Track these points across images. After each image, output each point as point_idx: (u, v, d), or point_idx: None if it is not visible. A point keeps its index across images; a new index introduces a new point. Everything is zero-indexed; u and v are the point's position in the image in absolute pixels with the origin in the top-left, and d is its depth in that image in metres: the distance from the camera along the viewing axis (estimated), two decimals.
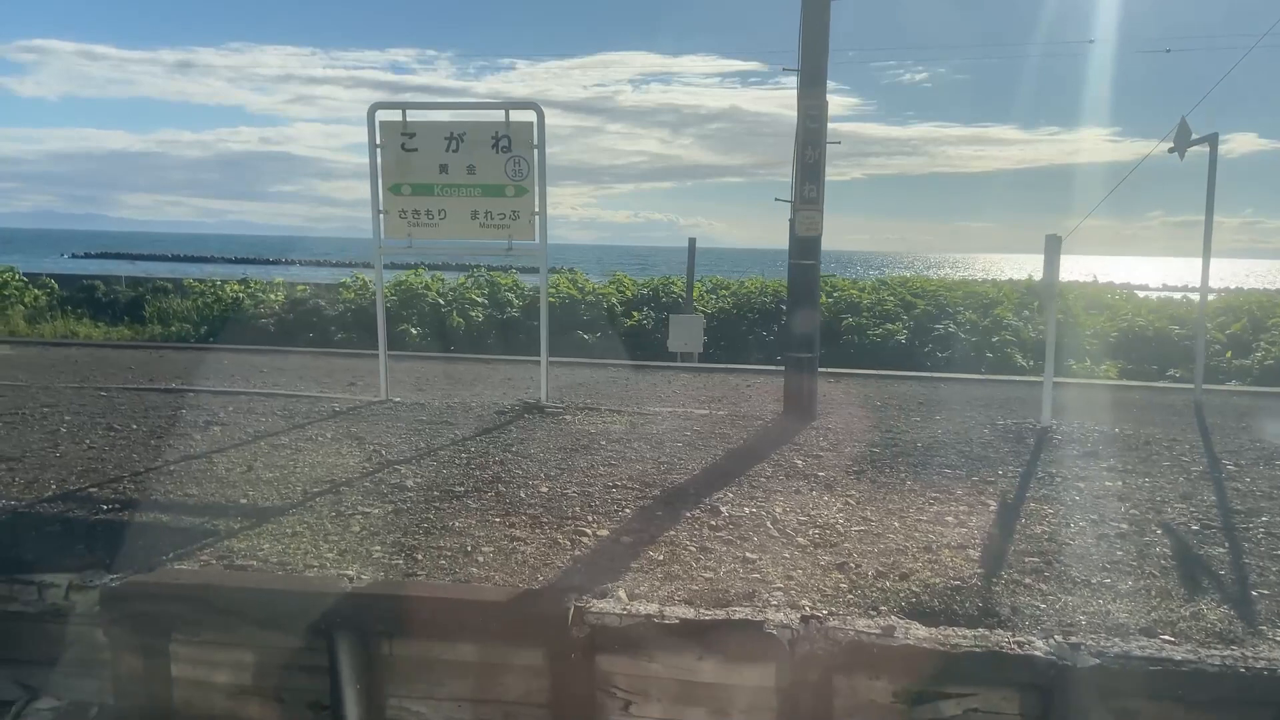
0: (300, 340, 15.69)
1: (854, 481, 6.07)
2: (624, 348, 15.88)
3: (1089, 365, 14.53)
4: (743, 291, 19.23)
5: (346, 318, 17.75)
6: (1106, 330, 15.85)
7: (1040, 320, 16.65)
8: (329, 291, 19.78)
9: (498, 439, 7.02)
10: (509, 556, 4.77)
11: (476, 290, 18.20)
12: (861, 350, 15.67)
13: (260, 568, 4.60)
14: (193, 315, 20.13)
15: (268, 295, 19.46)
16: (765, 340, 17.38)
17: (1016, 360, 15.02)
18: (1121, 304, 18.92)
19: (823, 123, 7.43)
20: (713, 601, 4.27)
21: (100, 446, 6.59)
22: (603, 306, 18.07)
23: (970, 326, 16.34)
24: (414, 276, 18.90)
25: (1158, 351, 15.20)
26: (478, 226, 7.89)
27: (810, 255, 7.66)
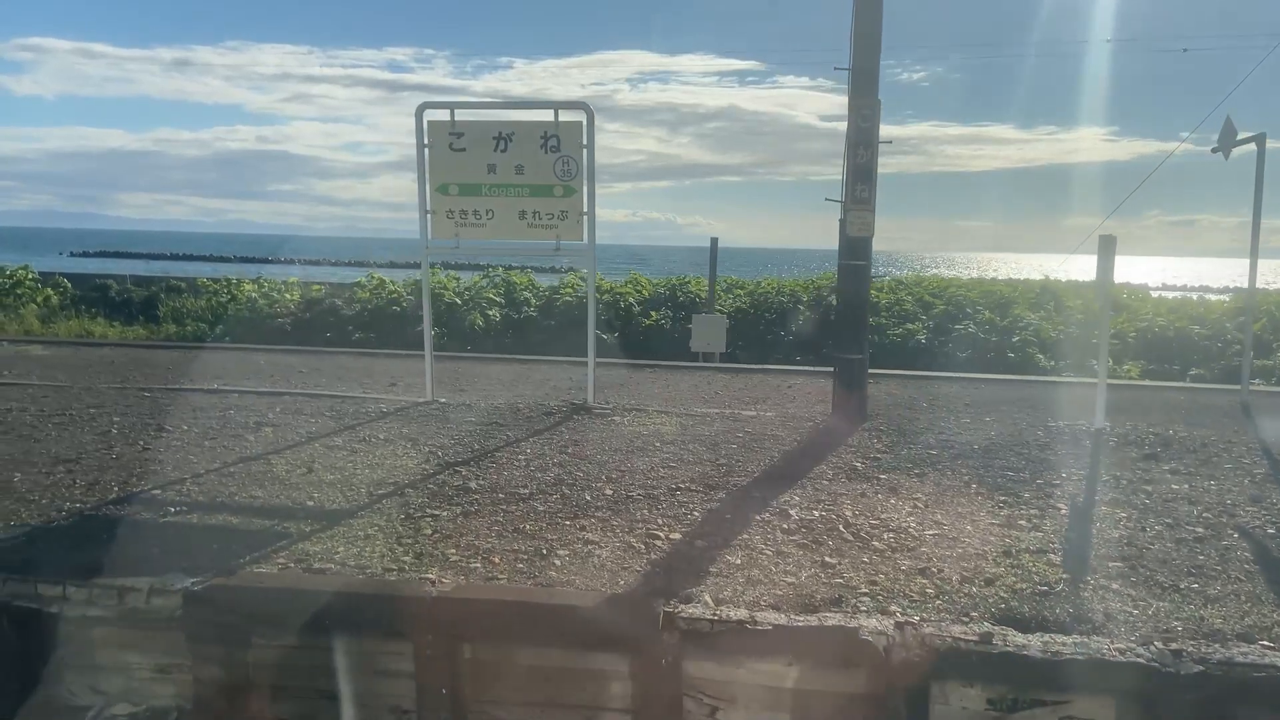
0: (317, 340, 15.66)
1: (917, 484, 6.02)
2: (643, 347, 15.85)
3: (1111, 366, 14.45)
4: (759, 292, 19.16)
5: (364, 317, 17.71)
6: (1125, 330, 15.78)
7: (1059, 320, 16.61)
8: (343, 291, 19.75)
9: (551, 440, 6.97)
10: (585, 560, 4.73)
11: (493, 290, 18.16)
12: (882, 350, 15.58)
13: (339, 571, 4.56)
14: (207, 314, 20.10)
15: (283, 295, 19.41)
16: (784, 340, 17.32)
17: (1038, 360, 14.95)
18: (1140, 304, 18.85)
19: (875, 123, 7.38)
20: (799, 607, 4.23)
21: (155, 448, 6.55)
22: (620, 306, 18.02)
23: (989, 326, 16.27)
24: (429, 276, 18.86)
25: (1178, 352, 15.14)
26: (525, 226, 7.85)
27: (861, 256, 7.61)
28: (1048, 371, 13.75)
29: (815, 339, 16.81)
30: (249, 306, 19.00)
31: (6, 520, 5.11)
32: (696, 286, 18.77)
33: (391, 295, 17.97)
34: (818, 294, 18.47)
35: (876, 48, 7.40)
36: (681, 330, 16.91)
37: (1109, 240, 7.41)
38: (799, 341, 17.13)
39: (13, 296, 21.28)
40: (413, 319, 17.21)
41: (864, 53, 7.40)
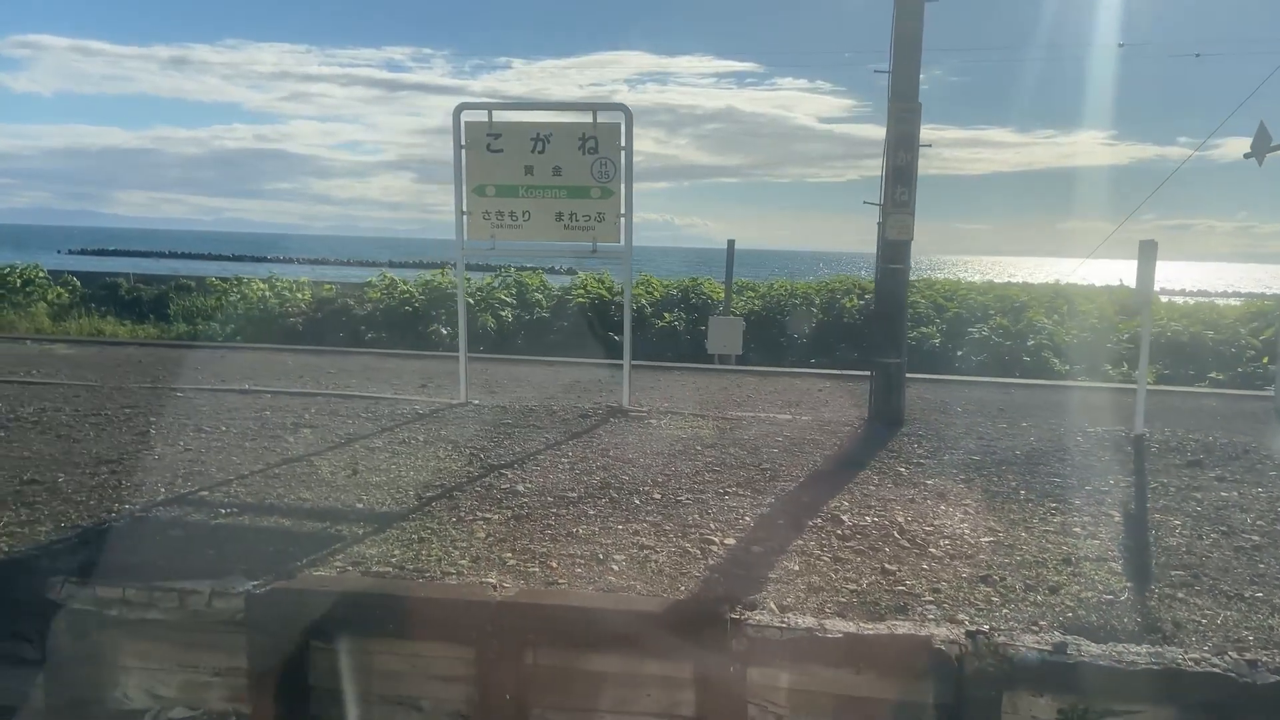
0: (330, 339, 15.64)
1: (966, 490, 5.98)
2: (656, 349, 15.82)
3: (1125, 370, 14.42)
4: (772, 294, 19.10)
5: (376, 317, 17.67)
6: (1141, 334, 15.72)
7: (1072, 325, 16.56)
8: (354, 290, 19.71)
9: (591, 443, 6.94)
10: (643, 565, 4.70)
11: (504, 291, 18.12)
12: None
13: (398, 574, 4.53)
14: (217, 314, 20.06)
15: (294, 294, 19.37)
16: (797, 343, 17.28)
17: (1053, 365, 14.91)
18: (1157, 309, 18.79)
19: (915, 125, 7.35)
20: (865, 614, 4.20)
21: (196, 449, 6.52)
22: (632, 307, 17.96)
23: (1003, 330, 16.22)
24: (440, 276, 18.83)
25: (1193, 357, 15.08)
26: (562, 228, 7.82)
27: (900, 259, 7.57)
28: (1064, 376, 13.70)
29: (829, 342, 16.79)
30: (260, 306, 18.97)
31: (57, 522, 5.08)
32: (709, 288, 18.71)
33: (404, 295, 17.93)
34: (830, 296, 18.43)
35: (917, 50, 7.37)
36: (695, 332, 16.87)
37: (1150, 245, 7.37)
38: (813, 344, 17.09)
39: (23, 294, 21.26)
40: (425, 319, 17.18)
41: (904, 55, 7.37)
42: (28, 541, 4.82)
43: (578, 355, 12.23)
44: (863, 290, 18.61)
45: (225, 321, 19.10)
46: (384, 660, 4.40)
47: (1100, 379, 12.65)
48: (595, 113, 7.73)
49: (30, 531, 4.95)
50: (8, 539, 4.84)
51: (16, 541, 4.81)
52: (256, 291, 19.78)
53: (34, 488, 5.61)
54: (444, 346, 15.14)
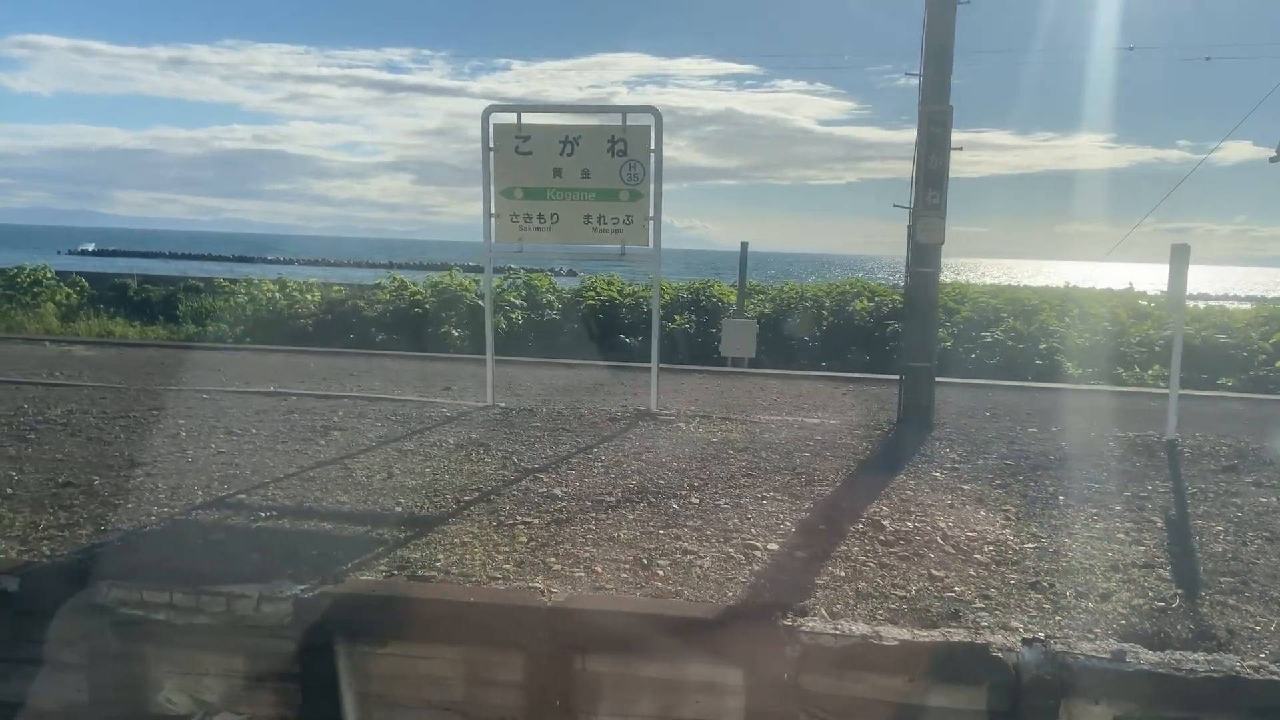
0: (339, 341, 15.62)
1: (1003, 495, 5.95)
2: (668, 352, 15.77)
3: (1138, 373, 14.39)
4: (781, 297, 19.06)
5: (387, 319, 17.64)
6: (1153, 338, 15.69)
7: (1084, 328, 16.52)
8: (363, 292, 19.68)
9: (623, 447, 6.92)
10: (687, 571, 4.67)
11: (513, 293, 18.07)
12: None
13: (444, 579, 4.51)
14: (226, 315, 20.02)
15: (303, 296, 19.33)
16: (809, 346, 17.24)
17: (1066, 368, 14.87)
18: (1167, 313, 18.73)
19: (947, 128, 7.33)
20: (916, 621, 4.17)
21: (229, 451, 6.50)
22: (643, 310, 17.95)
23: (1015, 333, 16.18)
24: (449, 278, 18.81)
25: (1206, 360, 15.03)
26: (590, 231, 7.80)
27: (930, 263, 7.55)
28: (1077, 379, 13.65)
29: (840, 345, 16.76)
30: (270, 307, 18.94)
31: (96, 525, 5.06)
32: (718, 291, 18.66)
33: (414, 297, 17.90)
34: (840, 300, 18.39)
35: (949, 53, 7.35)
36: (705, 334, 16.84)
37: (1182, 249, 7.34)
38: (824, 347, 17.06)
39: (30, 295, 21.25)
40: (435, 321, 17.16)
41: (936, 58, 7.35)
42: (69, 545, 4.80)
43: (590, 357, 12.23)
44: (872, 293, 18.58)
45: (235, 323, 19.08)
46: (431, 665, 4.38)
47: (1114, 382, 12.62)
48: (624, 115, 7.71)
49: (70, 535, 4.93)
50: (48, 542, 4.82)
51: (58, 545, 4.79)
52: (266, 293, 19.75)
53: (70, 490, 5.59)
54: (456, 348, 15.12)
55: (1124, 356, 15.05)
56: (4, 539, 4.87)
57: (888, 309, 17.39)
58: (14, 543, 4.82)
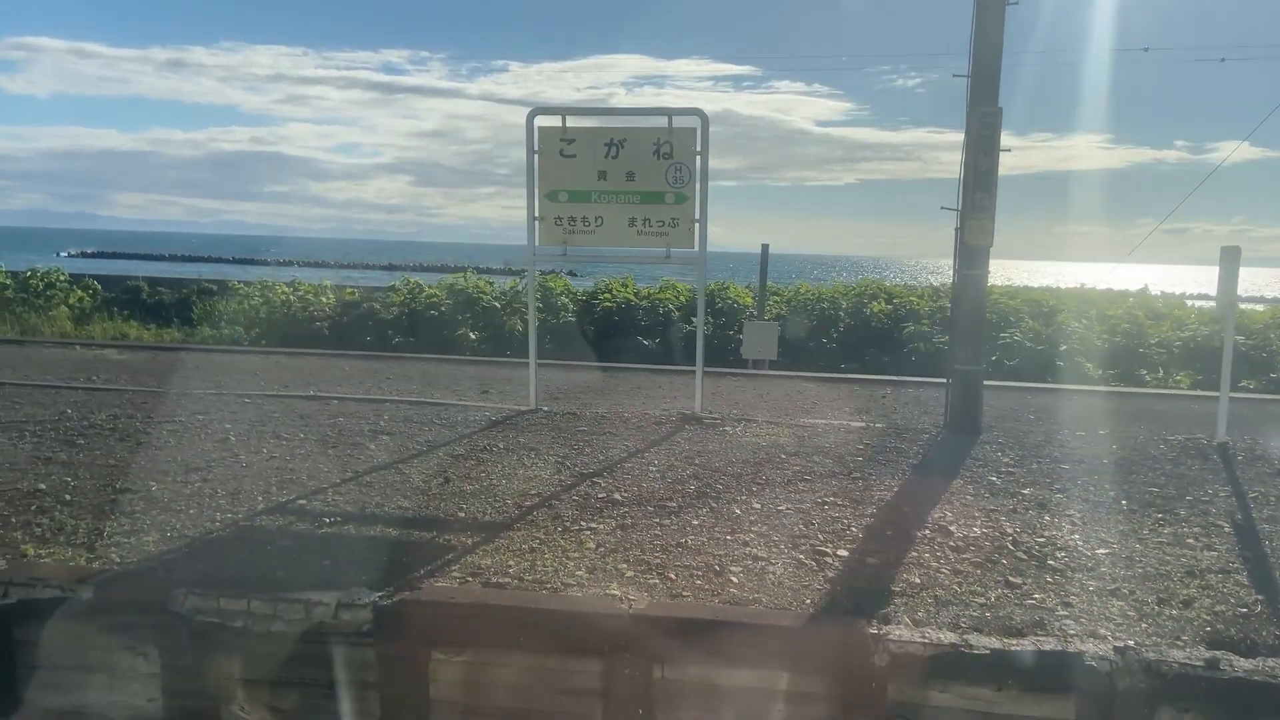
0: (356, 343, 15.59)
1: (1065, 500, 5.90)
2: (686, 354, 15.75)
3: (1160, 375, 14.33)
4: (797, 299, 19.01)
5: (402, 321, 17.61)
6: (1171, 339, 15.63)
7: (1101, 329, 16.46)
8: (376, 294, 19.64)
9: (673, 451, 6.87)
10: (760, 577, 4.63)
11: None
12: (927, 359, 15.47)
13: (519, 586, 4.47)
14: (240, 318, 19.99)
15: (318, 298, 19.29)
16: (827, 348, 17.19)
17: (1086, 369, 14.82)
18: (1186, 313, 18.69)
19: (996, 130, 7.28)
20: (1001, 630, 4.13)
21: (281, 456, 6.47)
22: (659, 312, 17.90)
23: (1034, 335, 16.12)
24: (464, 279, 18.78)
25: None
26: (635, 234, 7.76)
27: (979, 265, 7.50)
28: (1099, 381, 13.58)
29: (857, 347, 16.71)
30: (284, 309, 18.91)
31: (162, 532, 5.03)
32: (734, 292, 18.61)
33: (429, 299, 17.85)
34: (857, 301, 18.34)
35: (998, 54, 7.30)
36: (722, 337, 16.79)
37: (1232, 251, 7.29)
38: (842, 349, 17.01)
39: (43, 298, 21.24)
40: (450, 323, 17.12)
41: (985, 59, 7.31)
42: (137, 552, 4.77)
43: (611, 359, 12.18)
44: (889, 295, 18.54)
45: (249, 325, 19.05)
46: (509, 673, 4.35)
47: (1136, 384, 12.59)
48: (670, 118, 7.67)
49: (137, 542, 4.90)
50: (116, 549, 4.79)
51: (126, 552, 4.76)
52: (280, 295, 19.71)
53: (129, 496, 5.57)
54: (474, 350, 15.09)
55: (1144, 358, 14.99)
56: (70, 546, 4.85)
57: (905, 311, 17.35)
58: (81, 550, 4.80)
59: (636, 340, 16.67)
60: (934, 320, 17.06)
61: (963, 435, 7.47)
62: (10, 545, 4.84)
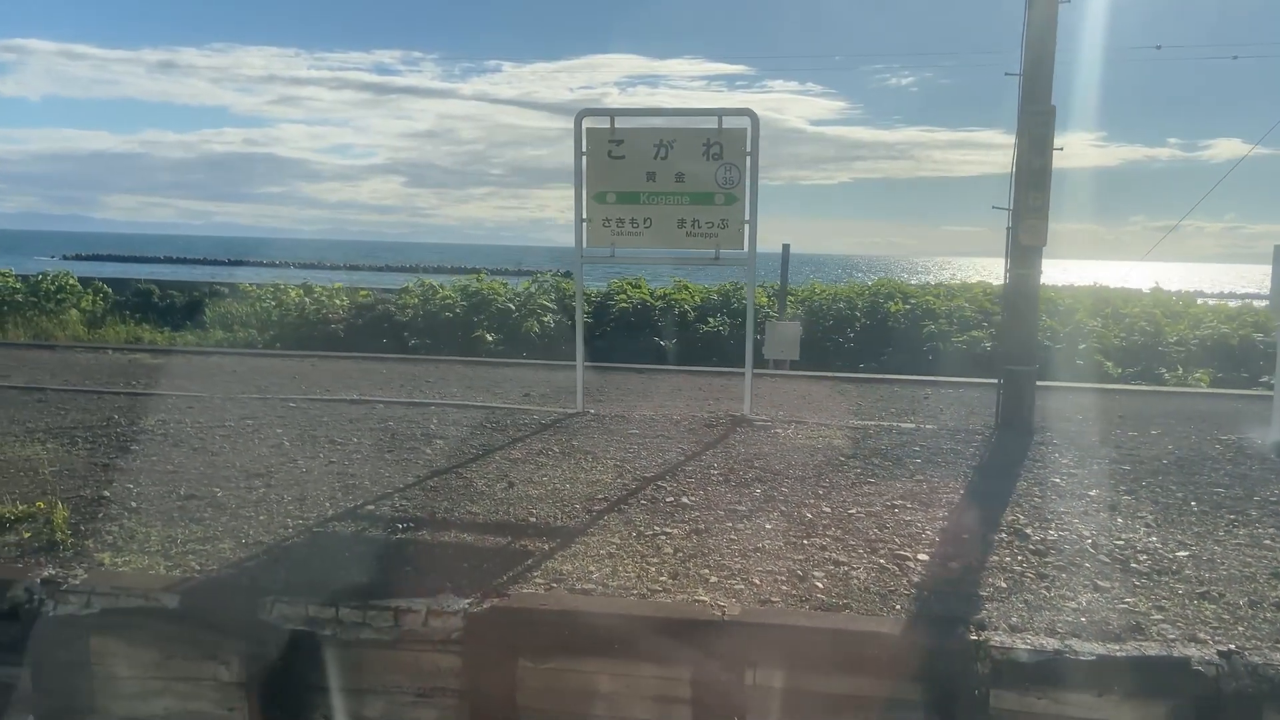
0: (372, 346, 15.55)
1: (1134, 502, 5.86)
2: (703, 354, 15.70)
3: (1180, 373, 14.29)
4: (814, 299, 18.97)
5: (418, 323, 17.55)
6: (1187, 337, 15.60)
7: (1117, 327, 16.43)
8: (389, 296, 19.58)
9: (730, 454, 6.83)
10: (845, 582, 4.59)
11: (544, 296, 17.98)
12: (947, 358, 15.41)
13: (604, 592, 4.44)
14: (253, 320, 19.93)
15: (331, 300, 19.23)
16: (844, 347, 17.15)
17: (1107, 367, 14.79)
18: (1202, 311, 18.66)
19: (1050, 129, 7.24)
20: (1099, 634, 4.09)
21: (339, 461, 6.43)
22: (675, 312, 17.86)
23: (1052, 333, 16.07)
24: (478, 281, 18.73)
25: (1243, 359, 14.93)
26: (684, 235, 7.71)
27: (1031, 264, 7.46)
28: (1114, 379, 13.53)
29: (875, 347, 16.67)
30: (297, 312, 18.85)
31: (236, 538, 4.99)
32: None
33: (444, 301, 17.79)
34: (873, 301, 18.30)
35: (1051, 51, 7.26)
36: (738, 337, 16.73)
37: None
38: (860, 349, 16.96)
39: (54, 301, 21.19)
40: (466, 325, 17.08)
41: (1037, 57, 7.27)
42: (215, 559, 4.73)
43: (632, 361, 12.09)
44: (905, 295, 18.50)
45: (262, 328, 18.98)
46: (597, 680, 4.30)
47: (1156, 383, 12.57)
48: (720, 118, 7.63)
49: (213, 549, 4.86)
50: (194, 557, 4.76)
51: (205, 560, 4.72)
52: (293, 297, 19.65)
53: (195, 503, 5.53)
54: (489, 353, 15.05)
55: (1163, 356, 14.96)
56: (146, 554, 4.80)
57: (922, 310, 17.31)
58: (157, 557, 4.76)
59: (654, 341, 16.63)
60: (952, 319, 17.03)
61: (1016, 436, 7.43)
62: (84, 554, 4.80)
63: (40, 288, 21.38)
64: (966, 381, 10.42)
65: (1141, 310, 17.19)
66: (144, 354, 11.74)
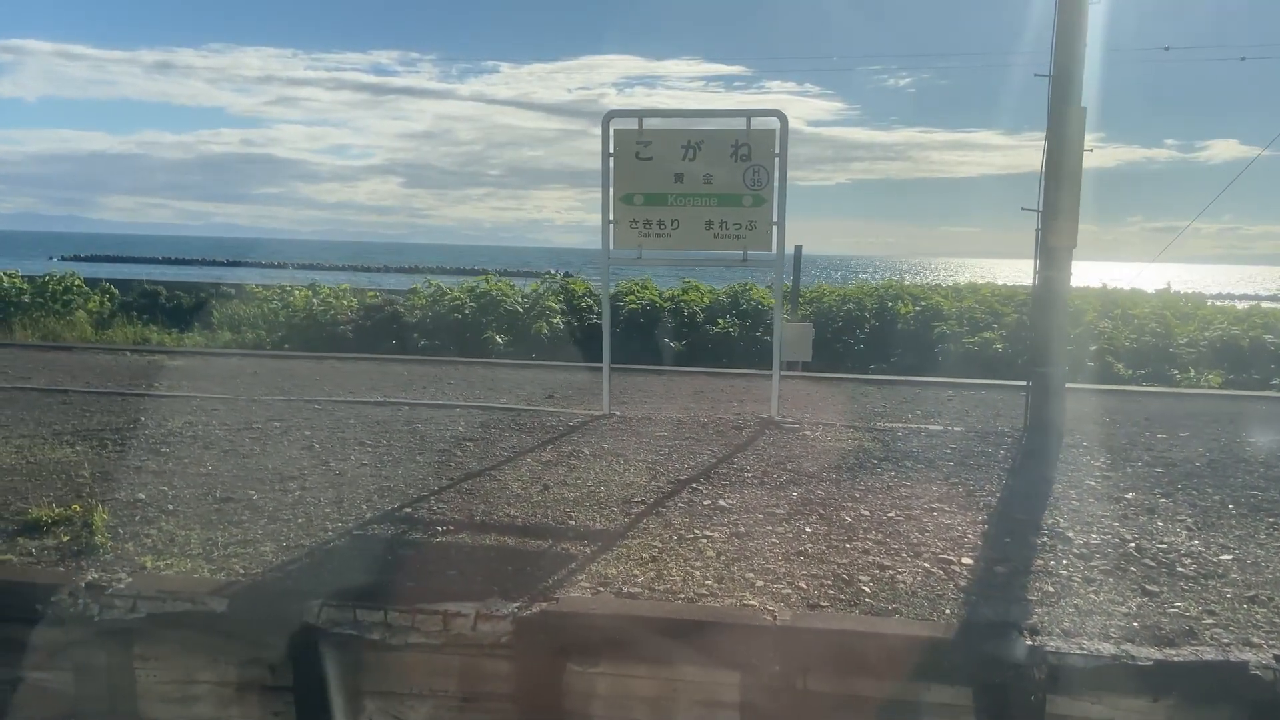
0: (380, 347, 15.53)
1: (1172, 505, 5.83)
2: (713, 355, 15.68)
3: (1192, 375, 14.27)
4: (823, 301, 18.95)
5: (427, 324, 17.53)
6: (1197, 339, 15.59)
7: (1126, 329, 16.41)
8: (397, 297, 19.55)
9: (762, 456, 6.81)
10: (892, 586, 4.57)
11: (552, 297, 17.96)
12: (958, 359, 15.40)
13: (651, 596, 4.41)
14: (260, 321, 19.88)
15: (339, 301, 19.19)
16: (854, 349, 17.13)
17: (1117, 369, 14.77)
18: (1212, 313, 18.63)
19: (1080, 129, 7.21)
20: (1151, 639, 4.06)
21: (371, 463, 6.41)
22: (684, 314, 17.84)
23: None
24: (486, 282, 18.71)
25: (1254, 361, 14.91)
26: (712, 237, 7.69)
27: (1060, 266, 7.43)
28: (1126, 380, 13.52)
29: (884, 348, 16.66)
30: (305, 313, 18.81)
31: (276, 541, 4.97)
32: (757, 294, 18.57)
33: (453, 302, 17.76)
34: (881, 302, 18.29)
35: (1080, 54, 7.24)
36: (747, 338, 16.72)
37: None
38: (869, 350, 16.95)
39: (61, 303, 21.15)
40: (475, 326, 17.05)
41: (1067, 57, 7.24)
42: (258, 563, 4.71)
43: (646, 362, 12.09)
44: (914, 296, 18.48)
45: (271, 329, 18.94)
46: (645, 685, 4.29)
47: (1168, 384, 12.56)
48: (749, 119, 7.61)
49: (254, 552, 4.84)
50: (237, 560, 4.73)
51: (248, 564, 4.70)
52: (302, 299, 19.61)
53: (232, 505, 5.51)
54: (499, 355, 15.03)
55: (1174, 357, 14.94)
56: (187, 558, 4.78)
57: (931, 311, 17.29)
58: (199, 561, 4.74)
59: (664, 342, 16.62)
60: (962, 320, 17.02)
61: (1046, 439, 7.40)
62: (125, 557, 4.78)
63: (47, 289, 21.35)
64: (988, 383, 10.40)
65: (1150, 311, 17.18)
66: (162, 355, 11.72)
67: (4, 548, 4.88)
